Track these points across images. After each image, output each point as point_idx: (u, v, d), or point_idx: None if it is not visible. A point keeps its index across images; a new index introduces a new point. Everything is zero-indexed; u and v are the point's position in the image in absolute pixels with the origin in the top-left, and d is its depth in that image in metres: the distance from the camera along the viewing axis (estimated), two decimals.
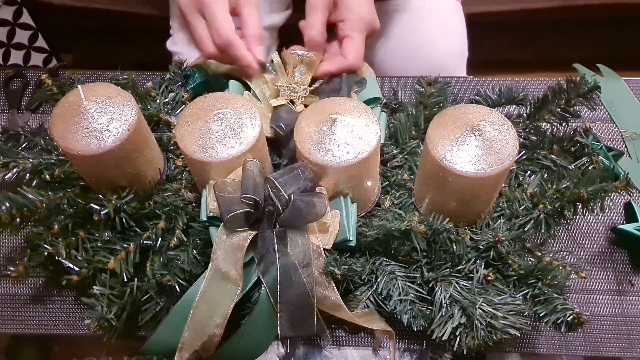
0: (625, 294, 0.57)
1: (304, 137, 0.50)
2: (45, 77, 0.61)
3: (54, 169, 0.57)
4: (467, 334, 0.49)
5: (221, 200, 0.50)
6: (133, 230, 0.54)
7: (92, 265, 0.52)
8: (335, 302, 0.51)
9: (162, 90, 0.65)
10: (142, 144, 0.54)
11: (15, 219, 0.50)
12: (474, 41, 0.89)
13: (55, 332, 0.58)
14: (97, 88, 0.53)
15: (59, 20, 1.31)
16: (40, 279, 0.59)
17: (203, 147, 0.50)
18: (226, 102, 0.53)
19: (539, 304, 0.50)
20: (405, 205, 0.57)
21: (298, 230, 0.51)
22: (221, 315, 0.50)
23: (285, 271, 0.49)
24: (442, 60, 0.82)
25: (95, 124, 0.50)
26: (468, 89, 0.70)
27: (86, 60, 1.49)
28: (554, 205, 0.52)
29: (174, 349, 0.50)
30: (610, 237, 0.60)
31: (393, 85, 0.68)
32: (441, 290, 0.51)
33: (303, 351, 0.56)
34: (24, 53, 1.38)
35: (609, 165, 0.59)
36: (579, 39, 1.39)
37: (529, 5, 1.25)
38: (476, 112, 0.50)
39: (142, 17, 1.21)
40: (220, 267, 0.50)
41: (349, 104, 0.52)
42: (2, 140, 0.61)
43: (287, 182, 0.50)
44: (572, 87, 0.57)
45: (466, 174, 0.47)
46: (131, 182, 0.55)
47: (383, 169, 0.60)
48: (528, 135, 0.60)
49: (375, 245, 0.53)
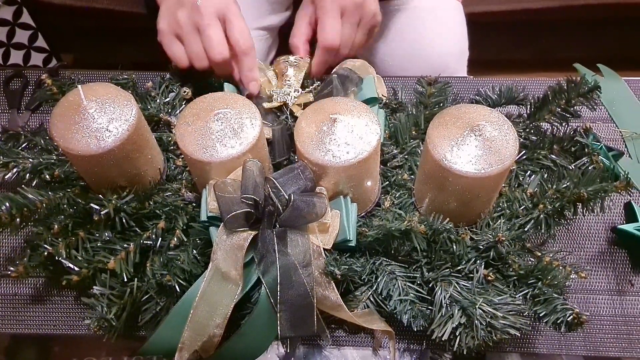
0: (625, 294, 0.57)
1: (304, 137, 0.50)
2: (45, 77, 0.61)
3: (54, 169, 0.57)
4: (467, 334, 0.49)
5: (221, 200, 0.50)
6: (133, 230, 0.54)
7: (92, 265, 0.52)
8: (335, 302, 0.51)
9: (162, 90, 0.65)
10: (142, 144, 0.54)
11: (15, 219, 0.50)
12: (475, 41, 0.89)
13: (55, 332, 0.58)
14: (97, 88, 0.53)
15: (59, 20, 1.31)
16: (40, 279, 0.59)
17: (203, 147, 0.50)
18: (226, 102, 0.53)
19: (539, 304, 0.50)
20: (406, 205, 0.57)
21: (298, 230, 0.51)
22: (221, 315, 0.50)
23: (285, 271, 0.49)
24: (442, 60, 0.82)
25: (95, 123, 0.50)
26: (468, 89, 0.70)
27: (86, 60, 1.48)
28: (554, 205, 0.52)
29: (174, 349, 0.50)
30: (610, 237, 0.60)
31: (393, 85, 0.68)
32: (441, 290, 0.51)
33: (303, 351, 0.56)
34: (24, 53, 1.38)
35: (609, 165, 0.59)
36: (579, 39, 1.39)
37: (529, 5, 1.25)
38: (476, 112, 0.50)
39: (142, 17, 1.21)
40: (220, 267, 0.50)
41: (349, 104, 0.52)
42: (2, 140, 0.61)
43: (287, 182, 0.50)
44: (572, 87, 0.57)
45: (466, 174, 0.47)
46: (131, 182, 0.55)
47: (383, 169, 0.59)
48: (528, 135, 0.60)
49: (375, 245, 0.53)
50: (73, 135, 0.50)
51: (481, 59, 0.96)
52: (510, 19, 1.28)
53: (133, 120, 0.51)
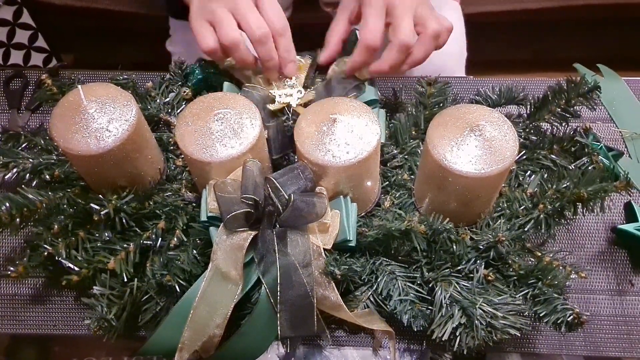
0: (625, 294, 0.57)
1: (304, 137, 0.50)
2: (46, 77, 0.61)
3: (54, 169, 0.57)
4: (467, 334, 0.49)
5: (221, 200, 0.50)
6: (133, 231, 0.54)
7: (92, 266, 0.52)
8: (335, 302, 0.51)
9: (162, 90, 0.65)
10: (142, 144, 0.54)
11: (15, 219, 0.50)
12: (474, 41, 0.89)
13: (55, 332, 0.58)
14: (97, 88, 0.53)
15: (59, 20, 1.31)
16: (40, 279, 0.59)
17: (203, 147, 0.50)
18: (226, 102, 0.53)
19: (539, 304, 0.50)
20: (406, 205, 0.57)
21: (298, 230, 0.51)
22: (221, 315, 0.50)
23: (286, 271, 0.49)
24: (441, 60, 0.82)
25: (95, 124, 0.50)
26: (468, 89, 0.70)
27: (86, 60, 1.49)
28: (554, 205, 0.52)
29: (174, 349, 0.50)
30: (610, 237, 0.60)
31: (393, 85, 0.68)
32: (441, 290, 0.51)
33: (303, 351, 0.56)
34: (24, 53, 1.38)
35: (609, 165, 0.59)
36: (579, 39, 1.39)
37: (529, 5, 1.25)
38: (476, 112, 0.50)
39: (142, 17, 1.22)
40: (220, 267, 0.50)
41: (349, 104, 0.52)
42: (2, 140, 0.61)
43: (287, 182, 0.50)
44: (572, 87, 0.57)
45: (466, 174, 0.47)
46: (131, 182, 0.55)
47: (383, 169, 0.59)
48: (528, 135, 0.60)
49: (375, 245, 0.53)
50: (73, 136, 0.50)
51: (481, 59, 0.96)
52: (510, 19, 1.28)
53: (133, 120, 0.51)
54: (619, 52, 1.32)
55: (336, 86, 0.61)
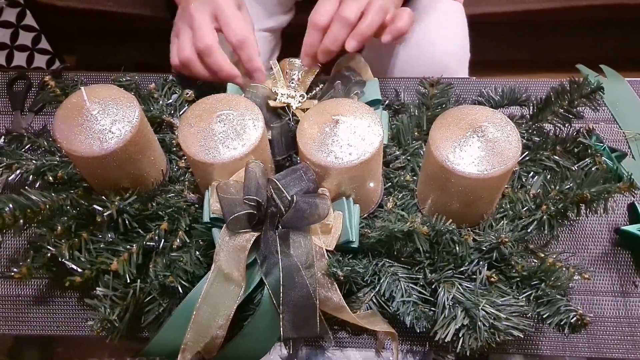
0: (628, 295, 0.57)
1: (306, 138, 0.50)
2: (49, 79, 0.61)
3: (57, 171, 0.58)
4: (470, 335, 0.49)
5: (224, 201, 0.50)
6: (136, 232, 0.54)
7: (95, 267, 0.52)
8: (337, 303, 0.51)
9: (164, 92, 0.65)
10: (145, 145, 0.54)
11: (19, 221, 0.50)
12: (477, 42, 0.88)
13: (58, 334, 0.58)
14: (100, 89, 0.53)
15: (62, 22, 1.31)
16: (43, 280, 0.59)
17: (206, 148, 0.50)
18: (229, 103, 0.53)
19: (542, 305, 0.50)
20: (408, 207, 0.57)
21: (301, 231, 0.51)
22: (224, 316, 0.50)
23: (288, 272, 0.49)
24: (443, 61, 0.82)
25: (98, 125, 0.50)
26: (470, 90, 0.70)
27: (88, 61, 1.49)
28: (557, 206, 0.52)
29: (176, 351, 0.50)
30: (613, 239, 0.60)
31: (395, 86, 0.68)
32: (444, 292, 0.50)
33: (305, 353, 0.56)
34: (27, 55, 1.39)
35: (612, 166, 0.59)
36: (582, 40, 1.39)
37: (531, 6, 1.25)
38: (479, 113, 0.50)
39: (145, 19, 1.22)
40: (222, 269, 0.50)
41: (352, 105, 0.52)
42: (6, 142, 0.61)
43: (289, 183, 0.50)
44: (575, 88, 0.57)
45: (469, 175, 0.47)
46: (134, 183, 0.55)
47: (386, 170, 0.59)
48: (531, 136, 0.60)
49: (377, 246, 0.53)
50: (76, 137, 0.50)
51: (483, 60, 0.96)
52: (512, 20, 1.28)
53: (136, 121, 0.51)
54: (620, 52, 1.32)
55: (338, 85, 0.62)
